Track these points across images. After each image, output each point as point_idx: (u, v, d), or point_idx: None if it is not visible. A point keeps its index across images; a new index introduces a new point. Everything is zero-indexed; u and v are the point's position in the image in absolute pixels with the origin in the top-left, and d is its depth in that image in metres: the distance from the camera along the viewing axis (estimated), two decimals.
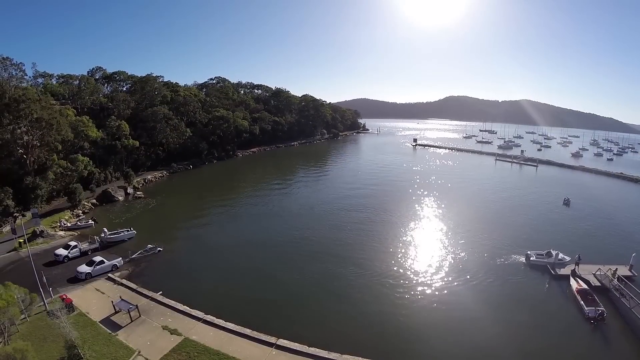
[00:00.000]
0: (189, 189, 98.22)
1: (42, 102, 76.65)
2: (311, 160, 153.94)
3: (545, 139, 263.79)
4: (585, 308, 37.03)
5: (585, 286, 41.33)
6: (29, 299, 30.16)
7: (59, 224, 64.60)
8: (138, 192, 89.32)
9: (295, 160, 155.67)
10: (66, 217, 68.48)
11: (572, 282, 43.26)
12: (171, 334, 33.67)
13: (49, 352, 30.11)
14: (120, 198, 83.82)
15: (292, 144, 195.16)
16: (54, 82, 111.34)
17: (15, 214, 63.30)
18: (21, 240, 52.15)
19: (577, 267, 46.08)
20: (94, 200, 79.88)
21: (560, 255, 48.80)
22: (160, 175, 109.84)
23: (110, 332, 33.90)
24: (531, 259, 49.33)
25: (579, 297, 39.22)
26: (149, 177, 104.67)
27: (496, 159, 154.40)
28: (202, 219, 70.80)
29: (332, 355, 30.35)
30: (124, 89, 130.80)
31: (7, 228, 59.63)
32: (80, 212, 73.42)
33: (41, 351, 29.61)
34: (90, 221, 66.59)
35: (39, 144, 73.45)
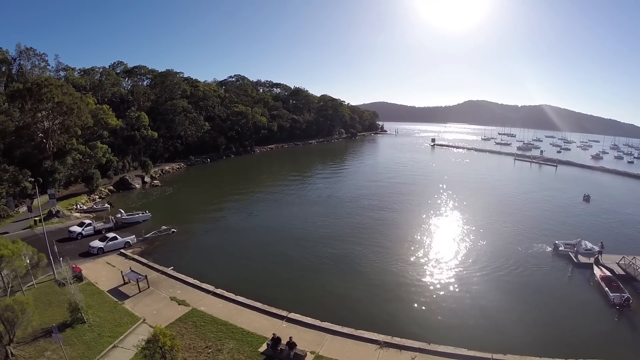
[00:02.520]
0: (206, 180, 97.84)
1: (64, 88, 77.04)
2: (329, 157, 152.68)
3: (564, 142, 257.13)
4: (610, 294, 35.11)
5: (609, 273, 39.29)
6: (37, 258, 29.33)
7: (75, 207, 64.49)
8: (155, 181, 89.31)
9: (314, 156, 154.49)
10: (83, 201, 68.47)
11: (596, 270, 41.27)
12: (179, 304, 32.43)
13: (52, 315, 29.18)
14: (137, 186, 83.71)
15: (310, 142, 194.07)
16: (76, 75, 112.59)
17: (32, 195, 63.31)
18: (37, 219, 51.95)
19: (600, 255, 43.84)
20: (111, 187, 79.94)
21: (589, 245, 46.68)
22: (177, 166, 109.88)
23: (117, 300, 32.92)
24: (560, 248, 47.19)
25: (603, 284, 37.44)
26: (167, 167, 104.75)
27: (515, 159, 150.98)
28: (218, 206, 69.93)
29: (345, 329, 28.59)
30: (145, 83, 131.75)
31: (23, 208, 59.77)
32: (97, 197, 73.43)
33: (44, 314, 28.67)
34: (107, 205, 66.37)
35: (58, 129, 73.80)
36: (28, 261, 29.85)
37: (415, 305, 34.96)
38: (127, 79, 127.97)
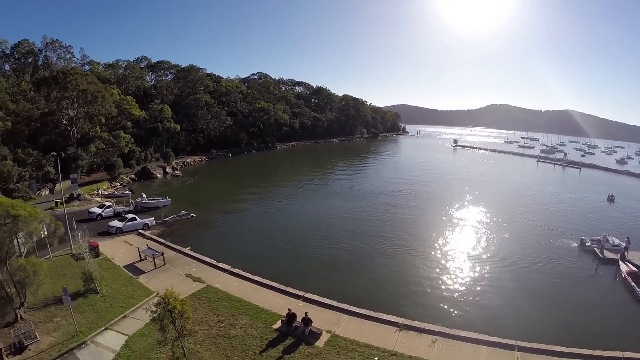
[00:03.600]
0: (228, 173, 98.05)
1: (89, 77, 78.00)
2: (351, 155, 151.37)
3: (589, 147, 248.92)
4: (637, 289, 33.31)
5: (635, 269, 37.37)
6: (54, 227, 28.87)
7: (96, 192, 64.91)
8: (176, 172, 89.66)
9: (335, 154, 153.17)
10: (104, 187, 68.93)
11: (622, 265, 39.18)
12: (194, 281, 31.59)
13: (65, 285, 28.32)
14: (158, 175, 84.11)
15: (332, 140, 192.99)
16: (101, 69, 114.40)
17: (55, 180, 63.98)
18: (58, 201, 52.32)
19: (626, 251, 41.71)
20: (133, 176, 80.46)
21: (616, 241, 44.58)
22: (199, 159, 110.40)
23: (132, 275, 32.37)
24: (586, 244, 45.07)
25: (629, 279, 35.54)
26: (188, 160, 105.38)
27: (538, 161, 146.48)
28: (239, 196, 69.31)
29: (362, 310, 27.20)
30: (168, 78, 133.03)
31: (45, 192, 60.42)
32: (119, 184, 73.88)
33: (58, 284, 28.07)
34: (127, 191, 66.53)
35: (82, 117, 74.62)
36: (45, 230, 29.52)
37: (437, 293, 33.38)
38: (150, 74, 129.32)
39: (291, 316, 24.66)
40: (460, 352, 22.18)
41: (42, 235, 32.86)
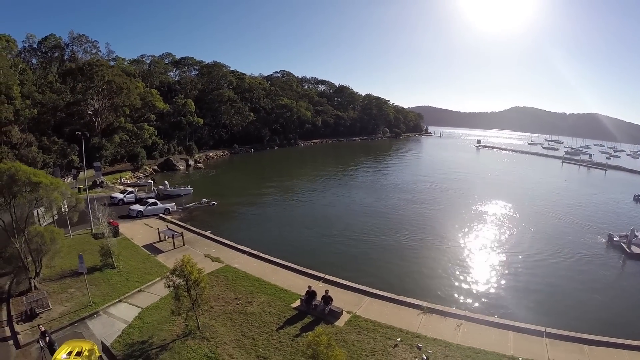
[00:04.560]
0: (250, 166, 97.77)
1: (114, 69, 78.95)
2: (374, 153, 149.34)
3: (614, 150, 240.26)
4: None
5: None
6: (75, 200, 28.52)
7: (119, 180, 65.26)
8: (199, 164, 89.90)
9: (358, 152, 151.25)
10: (127, 176, 69.30)
11: None
12: (212, 260, 30.74)
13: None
14: (181, 167, 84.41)
15: (354, 139, 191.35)
16: (126, 64, 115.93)
17: (79, 168, 64.69)
18: (81, 187, 52.53)
19: None
20: (156, 167, 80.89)
21: None
22: (221, 154, 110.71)
23: (150, 254, 31.77)
24: (614, 239, 43.51)
25: None
26: (211, 154, 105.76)
27: (563, 162, 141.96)
28: (261, 187, 68.72)
29: (385, 293, 25.89)
30: (192, 74, 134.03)
31: (69, 179, 61.00)
32: (141, 174, 74.19)
33: (75, 260, 27.47)
34: (150, 181, 66.59)
35: (107, 108, 75.43)
36: (66, 205, 29.30)
37: (461, 281, 32.11)
38: (175, 70, 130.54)
39: (311, 294, 23.48)
40: (487, 337, 20.66)
41: (63, 210, 32.82)
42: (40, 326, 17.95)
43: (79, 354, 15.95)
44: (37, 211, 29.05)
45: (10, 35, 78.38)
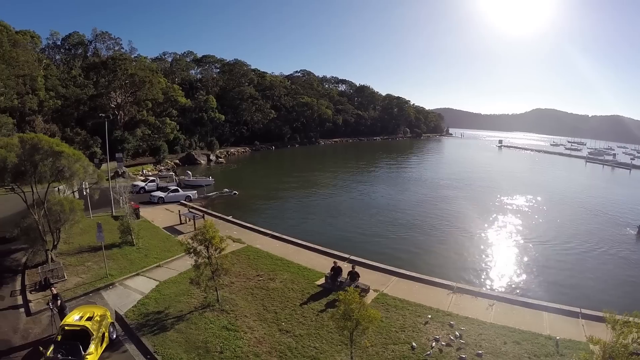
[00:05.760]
0: (270, 162, 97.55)
1: (138, 63, 79.50)
2: (396, 151, 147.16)
3: (638, 152, 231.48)
4: None
5: None
6: (97, 177, 28.00)
7: (140, 172, 65.24)
8: (220, 159, 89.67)
9: (379, 150, 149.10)
10: (148, 169, 69.33)
11: None
12: (234, 241, 29.35)
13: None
14: (202, 162, 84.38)
15: (375, 138, 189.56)
16: (148, 62, 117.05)
17: (101, 160, 64.91)
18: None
19: None
20: (177, 161, 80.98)
21: None
22: (243, 150, 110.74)
23: (170, 234, 30.90)
24: None
25: None
26: (232, 150, 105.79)
27: (586, 161, 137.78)
28: (282, 181, 67.88)
29: (413, 273, 24.51)
30: (213, 71, 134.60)
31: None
32: (163, 168, 74.16)
33: (94, 238, 26.91)
34: (171, 172, 66.50)
35: (130, 102, 75.85)
36: (87, 183, 28.84)
37: (491, 265, 31.36)
38: (196, 67, 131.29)
39: (336, 270, 22.09)
40: (521, 317, 19.08)
41: (84, 190, 32.37)
42: (53, 289, 17.06)
43: (89, 318, 14.94)
44: (58, 188, 28.57)
45: (35, 31, 79.84)
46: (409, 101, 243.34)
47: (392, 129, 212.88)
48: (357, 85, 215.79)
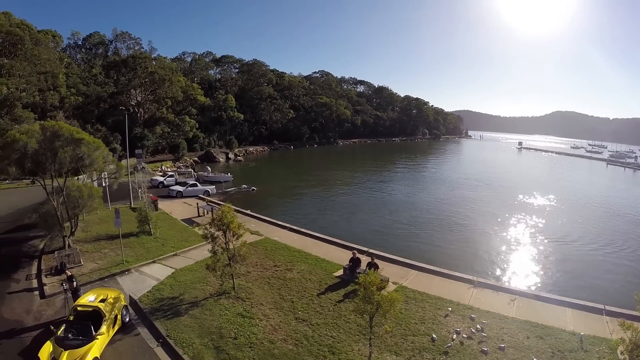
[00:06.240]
0: (289, 161, 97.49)
1: (158, 61, 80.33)
2: (415, 152, 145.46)
3: None
4: None
5: None
6: (116, 167, 28.07)
7: (159, 169, 65.67)
8: (238, 157, 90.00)
9: (399, 151, 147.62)
10: (167, 165, 69.79)
11: None
12: (251, 233, 28.99)
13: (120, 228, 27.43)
14: (221, 160, 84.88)
15: (393, 139, 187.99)
16: (168, 61, 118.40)
17: (121, 156, 65.62)
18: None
19: None
20: (196, 158, 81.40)
21: None
22: (261, 149, 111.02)
23: (188, 225, 30.70)
24: None
25: None
26: (250, 149, 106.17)
27: (607, 164, 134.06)
28: (300, 178, 67.56)
29: (433, 267, 23.76)
30: (232, 71, 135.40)
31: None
32: (182, 165, 74.58)
33: (112, 228, 26.87)
34: (190, 169, 66.78)
35: (151, 99, 76.62)
36: (106, 175, 28.98)
37: (512, 262, 30.59)
38: (215, 68, 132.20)
39: (355, 261, 21.42)
40: (543, 312, 18.22)
41: (103, 181, 32.50)
42: (67, 271, 16.88)
43: (103, 300, 14.64)
44: (78, 178, 28.65)
45: (56, 31, 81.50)
46: (428, 102, 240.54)
47: (411, 130, 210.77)
48: (376, 86, 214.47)
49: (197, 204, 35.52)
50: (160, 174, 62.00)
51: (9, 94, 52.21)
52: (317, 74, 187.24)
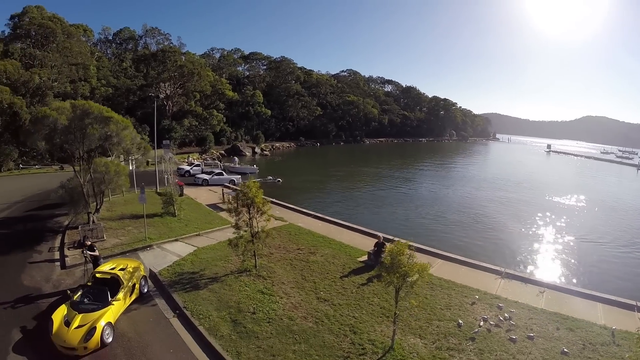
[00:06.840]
0: (315, 157, 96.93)
1: (187, 55, 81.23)
2: (442, 152, 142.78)
3: None
4: None
5: None
6: (144, 149, 28.25)
7: (186, 160, 66.26)
8: (265, 152, 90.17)
9: (426, 151, 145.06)
10: (194, 157, 70.33)
11: None
12: (276, 219, 28.51)
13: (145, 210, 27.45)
14: (247, 154, 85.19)
15: (420, 139, 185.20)
16: (196, 58, 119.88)
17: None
18: (149, 160, 53.35)
19: None
20: (222, 152, 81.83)
21: None
22: (287, 145, 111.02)
23: (213, 210, 30.49)
24: None
25: None
26: (277, 144, 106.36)
27: (638, 169, 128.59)
28: (326, 173, 67.14)
29: (459, 257, 22.89)
30: (260, 68, 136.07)
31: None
32: (208, 157, 75.10)
33: (137, 209, 26.86)
34: (217, 161, 67.18)
35: (179, 91, 77.55)
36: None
37: (541, 257, 29.66)
38: (243, 64, 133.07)
39: (380, 245, 20.56)
40: (574, 305, 17.24)
41: (130, 166, 32.70)
42: (87, 241, 16.73)
43: (122, 269, 14.39)
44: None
45: (88, 25, 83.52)
46: (456, 104, 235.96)
47: (438, 131, 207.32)
48: (404, 86, 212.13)
49: (222, 190, 35.32)
50: (187, 163, 62.64)
51: (41, 83, 53.61)
52: (345, 73, 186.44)
